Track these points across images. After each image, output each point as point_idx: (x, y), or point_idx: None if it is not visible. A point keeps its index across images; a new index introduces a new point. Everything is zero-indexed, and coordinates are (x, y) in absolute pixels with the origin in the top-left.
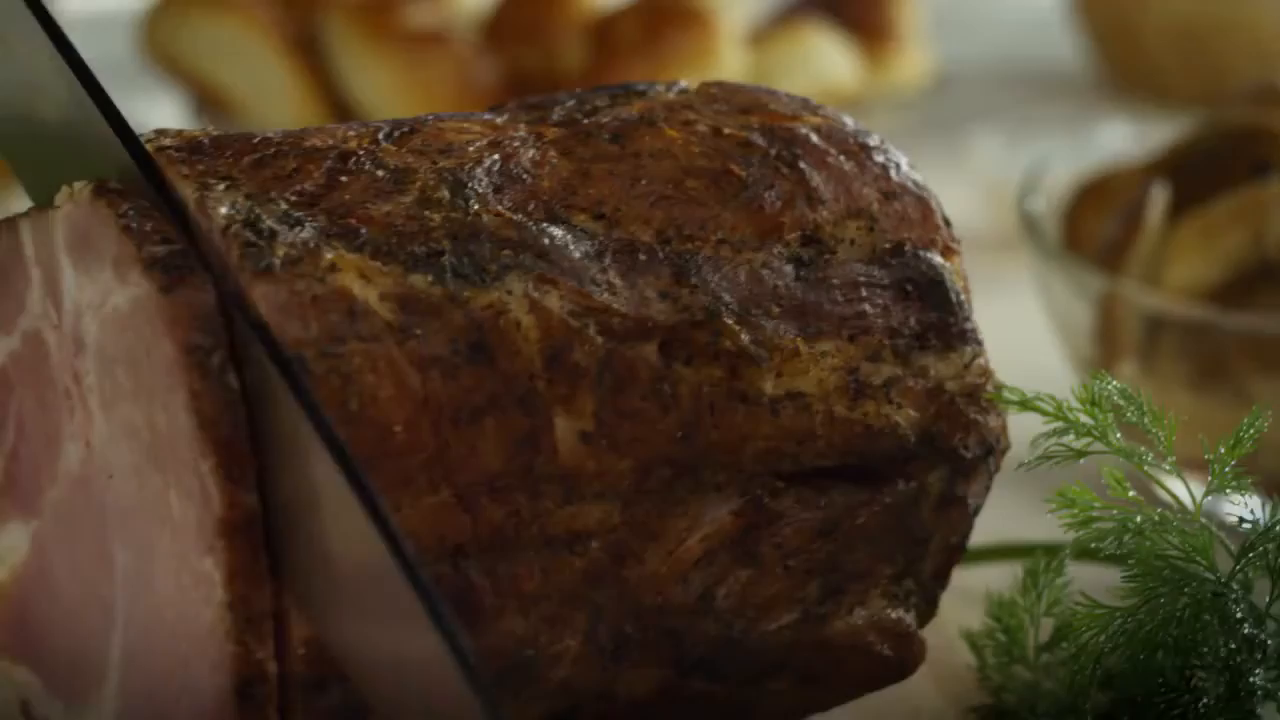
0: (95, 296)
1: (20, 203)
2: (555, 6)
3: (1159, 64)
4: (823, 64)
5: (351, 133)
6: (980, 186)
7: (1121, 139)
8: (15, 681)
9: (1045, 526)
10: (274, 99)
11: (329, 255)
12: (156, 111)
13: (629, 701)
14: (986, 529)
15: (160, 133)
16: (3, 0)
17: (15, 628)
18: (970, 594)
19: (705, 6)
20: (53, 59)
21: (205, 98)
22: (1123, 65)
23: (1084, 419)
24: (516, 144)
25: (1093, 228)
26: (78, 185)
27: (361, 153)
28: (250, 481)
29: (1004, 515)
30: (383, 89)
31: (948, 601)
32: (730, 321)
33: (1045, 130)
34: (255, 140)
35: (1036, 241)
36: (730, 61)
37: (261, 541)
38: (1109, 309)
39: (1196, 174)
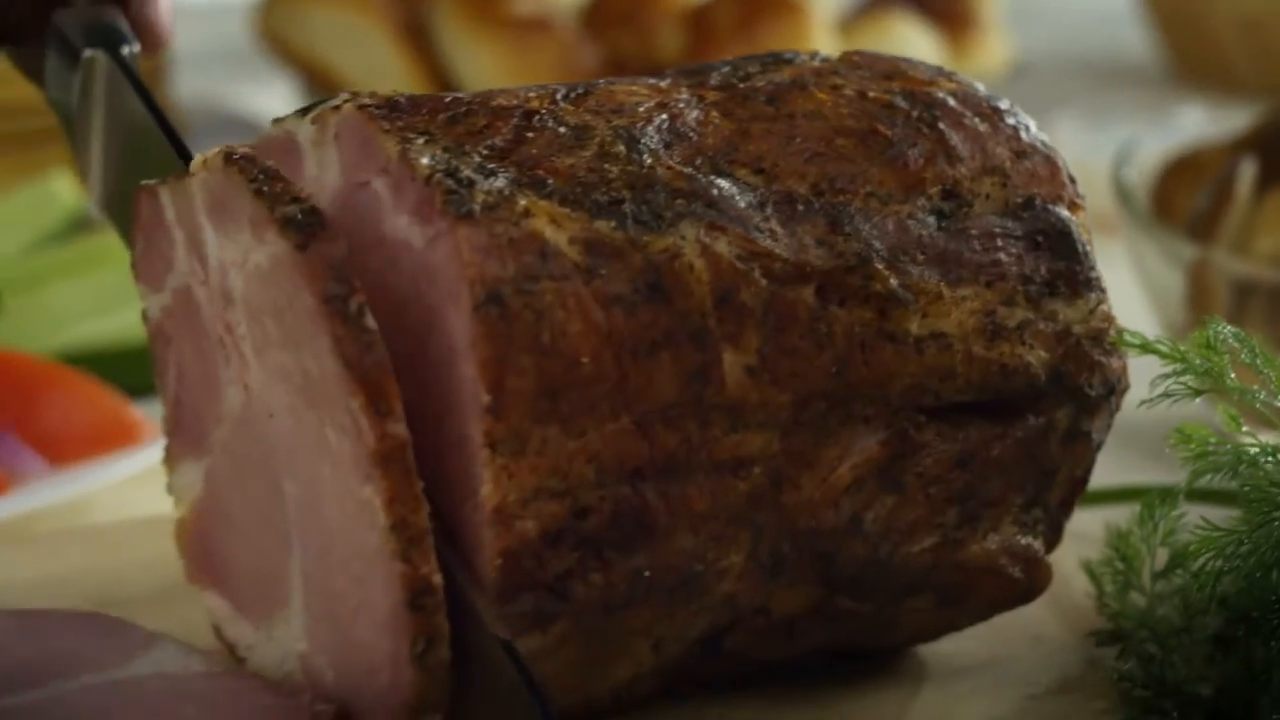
0: (236, 255)
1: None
2: None
3: (1226, 54)
4: (908, 50)
5: (532, 94)
6: None
7: (1195, 123)
8: (206, 606)
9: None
10: (384, 82)
11: (522, 202)
12: (270, 95)
13: (782, 617)
14: (1098, 478)
15: (354, 94)
16: (112, 73)
17: (201, 557)
18: (1084, 536)
19: None
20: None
21: (317, 81)
22: (1190, 56)
23: (1200, 361)
24: (681, 105)
25: (1182, 201)
26: (210, 153)
27: (544, 111)
28: (398, 413)
29: (1112, 468)
30: (488, 72)
31: (1064, 540)
32: (880, 267)
33: (1120, 117)
34: (447, 100)
35: (1131, 212)
36: (821, 48)
37: (414, 467)
38: (1200, 276)
39: None
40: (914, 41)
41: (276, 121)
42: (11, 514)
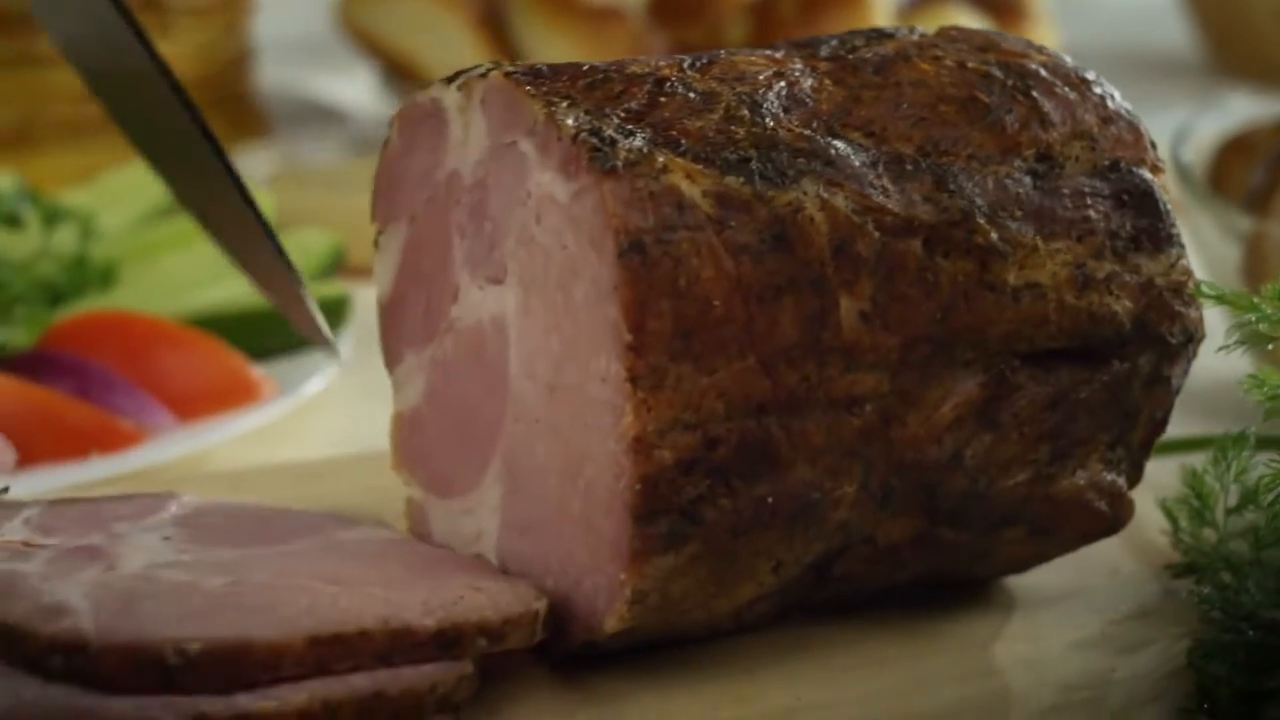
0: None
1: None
2: None
3: (1266, 46)
4: None
5: (662, 63)
6: None
7: (1242, 109)
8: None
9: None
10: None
11: (660, 159)
12: (352, 83)
13: (888, 546)
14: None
15: (496, 64)
16: None
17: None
18: (1155, 483)
19: None
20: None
21: (397, 70)
22: (1230, 47)
23: (1272, 310)
24: (797, 74)
25: (1237, 178)
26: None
27: (674, 78)
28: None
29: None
30: (563, 60)
31: (1138, 488)
32: (981, 222)
33: (1165, 106)
34: (584, 68)
35: (1189, 189)
36: None
37: None
38: (1255, 247)
39: None
40: None
41: (422, 89)
42: (144, 465)
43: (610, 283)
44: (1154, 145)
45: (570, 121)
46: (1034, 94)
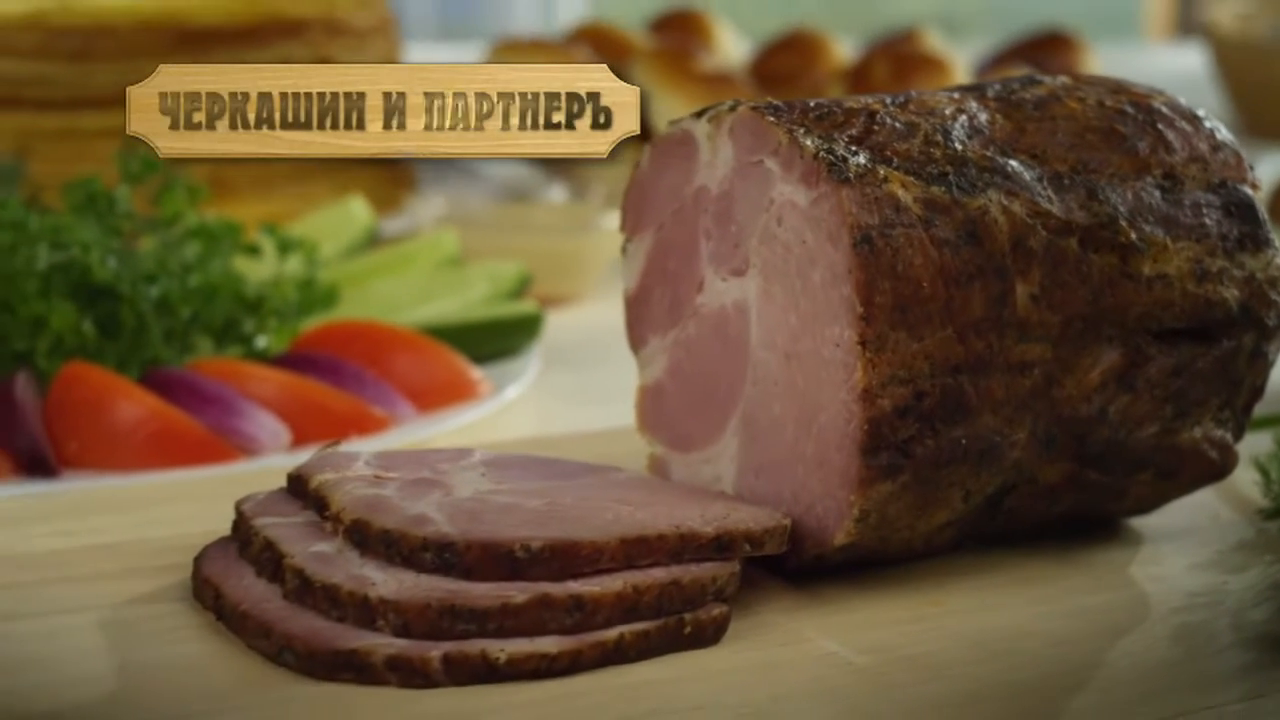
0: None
1: None
2: (810, 53)
3: None
4: None
5: (870, 100)
6: None
7: None
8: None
9: None
10: None
11: (881, 171)
12: None
13: (1045, 485)
14: None
15: (739, 101)
16: None
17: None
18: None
19: (941, 53)
20: None
21: None
22: (1260, 115)
23: None
24: (973, 110)
25: None
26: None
27: (881, 112)
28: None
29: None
30: None
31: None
32: (1124, 225)
33: None
34: (811, 104)
35: None
36: None
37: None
38: None
39: None
40: None
41: (673, 123)
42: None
43: (845, 267)
44: (1252, 168)
45: (809, 143)
46: (1159, 126)
